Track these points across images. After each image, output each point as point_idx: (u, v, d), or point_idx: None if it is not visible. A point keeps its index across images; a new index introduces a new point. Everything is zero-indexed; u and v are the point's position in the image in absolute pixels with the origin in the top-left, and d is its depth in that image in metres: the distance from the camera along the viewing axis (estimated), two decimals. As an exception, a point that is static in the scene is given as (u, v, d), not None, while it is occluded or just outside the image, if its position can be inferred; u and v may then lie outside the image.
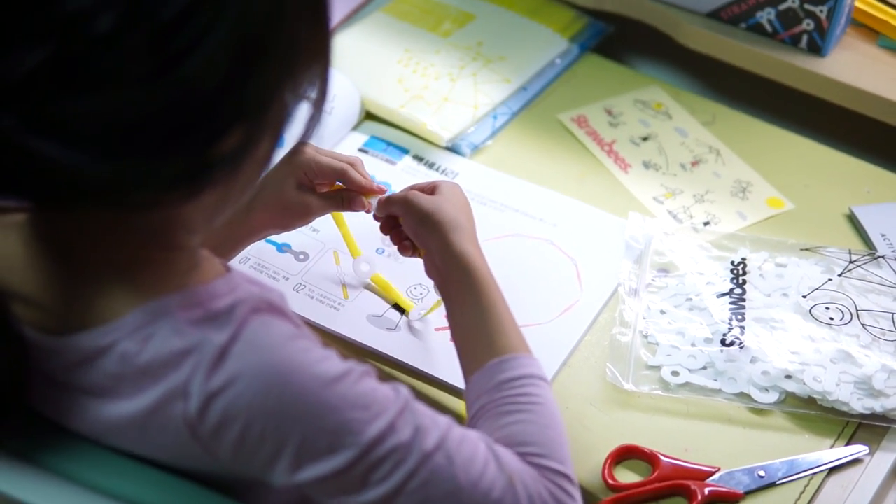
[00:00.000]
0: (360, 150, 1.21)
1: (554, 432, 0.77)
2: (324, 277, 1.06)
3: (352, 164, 0.96)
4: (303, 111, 0.68)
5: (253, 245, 1.07)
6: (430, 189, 0.94)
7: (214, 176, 0.63)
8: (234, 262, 1.04)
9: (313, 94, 0.68)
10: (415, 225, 0.91)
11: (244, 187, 0.69)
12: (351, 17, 1.39)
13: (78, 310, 0.67)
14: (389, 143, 1.22)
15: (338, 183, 0.97)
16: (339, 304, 1.03)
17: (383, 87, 1.25)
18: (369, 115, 1.25)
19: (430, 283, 1.05)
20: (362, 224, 1.05)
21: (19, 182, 0.61)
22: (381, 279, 1.05)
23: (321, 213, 0.98)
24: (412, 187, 0.95)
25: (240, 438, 0.65)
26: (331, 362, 0.68)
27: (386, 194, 0.96)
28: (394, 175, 1.17)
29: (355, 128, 1.24)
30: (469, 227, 0.90)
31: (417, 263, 1.07)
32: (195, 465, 0.69)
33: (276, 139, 0.68)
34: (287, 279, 1.05)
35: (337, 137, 1.21)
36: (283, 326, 0.67)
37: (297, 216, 0.98)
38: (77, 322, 0.67)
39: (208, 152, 0.62)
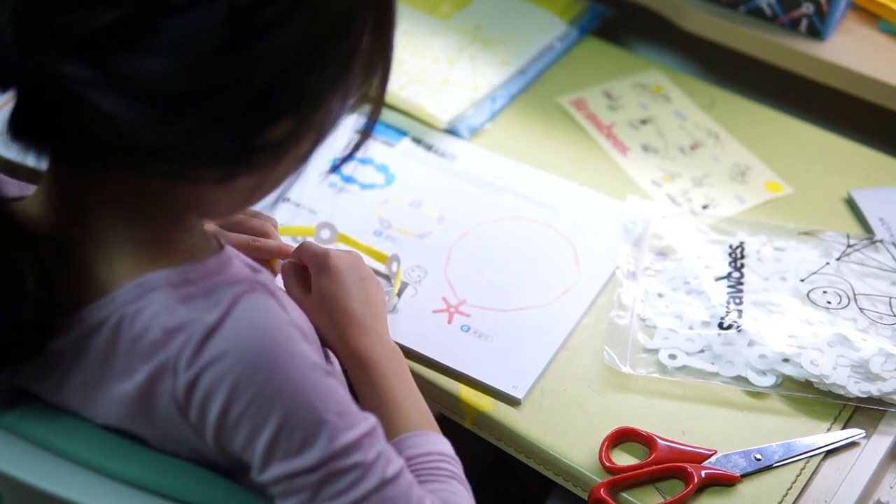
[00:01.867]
0: (359, 131, 1.20)
1: None
2: (321, 259, 1.06)
3: (260, 231, 0.93)
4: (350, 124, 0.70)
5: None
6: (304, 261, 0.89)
7: (255, 161, 0.64)
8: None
9: (367, 109, 0.70)
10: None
11: (277, 182, 0.70)
12: (349, -1, 1.39)
13: (83, 284, 0.68)
14: (388, 126, 1.21)
15: None
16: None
17: (382, 69, 1.25)
18: (367, 98, 1.25)
19: (428, 263, 1.05)
20: (362, 208, 1.06)
21: (69, 135, 0.61)
22: (349, 238, 1.04)
23: None
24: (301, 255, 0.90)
25: (221, 415, 0.65)
26: (315, 359, 0.68)
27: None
28: (392, 157, 1.17)
29: (353, 110, 1.24)
30: (360, 312, 0.86)
31: (413, 246, 1.07)
32: (187, 448, 0.69)
33: (319, 141, 0.69)
34: (280, 262, 1.05)
35: (335, 119, 1.21)
36: (276, 310, 0.68)
37: None
38: (80, 297, 0.68)
39: (256, 135, 0.63)
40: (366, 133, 0.72)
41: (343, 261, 0.89)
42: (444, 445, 0.81)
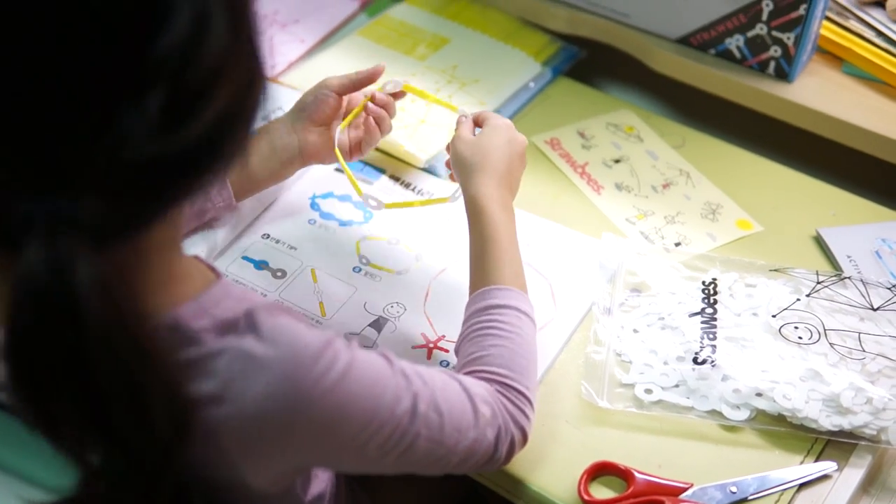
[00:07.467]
0: (337, 169, 1.22)
1: (525, 361, 0.87)
2: (301, 295, 1.06)
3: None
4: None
5: (230, 262, 1.09)
6: (480, 121, 1.04)
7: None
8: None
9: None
10: (452, 165, 1.03)
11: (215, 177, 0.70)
12: (327, 40, 1.41)
13: None
14: (366, 164, 1.23)
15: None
16: (316, 321, 1.04)
17: (360, 109, 1.26)
18: (345, 136, 1.26)
19: (407, 300, 1.06)
20: (341, 245, 1.07)
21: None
22: (414, 88, 1.12)
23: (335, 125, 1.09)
24: (470, 116, 1.06)
25: (267, 442, 0.68)
26: (342, 355, 0.70)
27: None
28: (371, 194, 1.18)
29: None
30: (497, 168, 0.98)
31: (392, 282, 1.08)
32: (200, 470, 0.69)
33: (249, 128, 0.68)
34: (265, 296, 1.06)
35: (313, 157, 1.22)
36: (301, 326, 0.70)
37: (327, 159, 1.10)
38: None
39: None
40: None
41: (501, 122, 1.03)
42: (520, 301, 0.91)
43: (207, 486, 0.70)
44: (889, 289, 1.06)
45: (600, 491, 0.91)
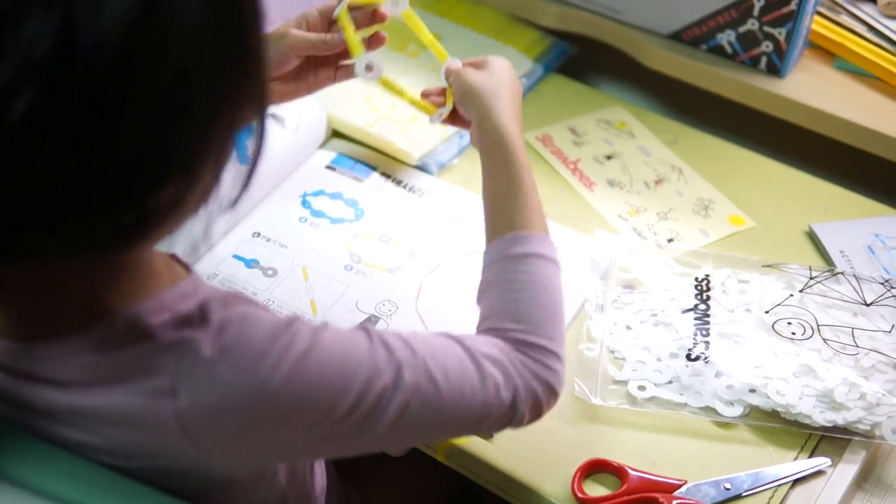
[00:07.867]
0: (328, 167, 1.21)
1: (548, 312, 0.84)
2: (292, 293, 1.06)
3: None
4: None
5: (221, 261, 1.08)
6: (479, 64, 1.00)
7: (159, 219, 0.64)
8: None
9: (254, 120, 0.69)
10: (461, 96, 0.98)
11: (194, 212, 0.69)
12: (317, 37, 1.40)
13: (41, 322, 0.68)
14: (357, 161, 1.22)
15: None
16: (308, 320, 1.03)
17: (351, 107, 1.26)
18: (336, 133, 1.26)
19: (399, 299, 1.06)
20: (332, 243, 1.07)
21: None
22: (392, 83, 1.06)
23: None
24: (465, 63, 1.01)
25: (234, 431, 0.67)
26: (300, 337, 0.69)
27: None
28: (362, 192, 1.18)
29: (322, 146, 1.24)
30: (510, 100, 0.95)
31: (384, 280, 1.08)
32: (174, 462, 0.69)
33: (221, 165, 0.67)
34: (255, 295, 1.05)
35: (304, 155, 1.22)
36: (258, 313, 0.69)
37: (288, 99, 1.03)
38: (41, 332, 0.67)
39: (148, 204, 0.62)
40: (252, 166, 0.70)
41: (497, 61, 1.00)
42: (546, 248, 0.87)
43: None
44: (882, 284, 1.06)
45: (594, 488, 0.91)
